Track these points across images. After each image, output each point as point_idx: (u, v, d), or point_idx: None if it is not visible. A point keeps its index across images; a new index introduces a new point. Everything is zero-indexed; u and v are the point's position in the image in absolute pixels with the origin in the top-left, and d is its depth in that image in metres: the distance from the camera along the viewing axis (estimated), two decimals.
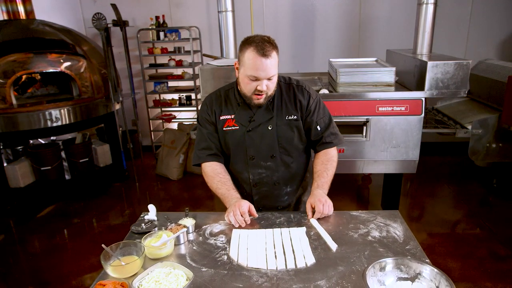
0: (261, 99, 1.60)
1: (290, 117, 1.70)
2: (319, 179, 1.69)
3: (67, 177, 4.07)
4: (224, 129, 1.71)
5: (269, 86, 1.58)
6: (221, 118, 1.71)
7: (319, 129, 1.74)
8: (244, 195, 1.79)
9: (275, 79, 1.60)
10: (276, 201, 1.81)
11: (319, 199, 1.58)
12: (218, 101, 1.74)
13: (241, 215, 1.53)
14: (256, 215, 1.60)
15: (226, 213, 1.58)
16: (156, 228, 1.50)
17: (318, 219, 1.57)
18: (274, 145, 1.71)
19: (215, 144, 1.75)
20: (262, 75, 1.53)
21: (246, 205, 1.57)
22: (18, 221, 3.64)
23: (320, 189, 1.65)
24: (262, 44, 1.51)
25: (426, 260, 1.25)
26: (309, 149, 1.86)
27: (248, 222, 1.55)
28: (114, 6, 4.06)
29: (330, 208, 1.58)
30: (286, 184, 1.80)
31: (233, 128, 1.70)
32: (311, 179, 1.83)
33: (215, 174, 1.73)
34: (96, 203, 3.97)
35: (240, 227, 1.54)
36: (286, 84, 1.74)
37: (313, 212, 1.58)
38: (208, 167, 1.75)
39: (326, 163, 1.74)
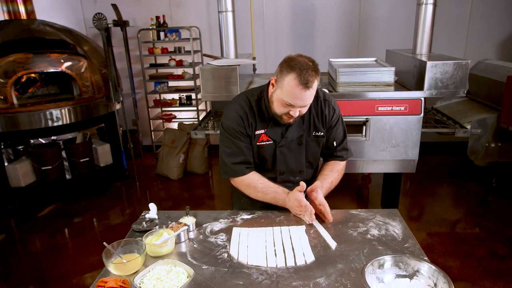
0: (291, 120, 1.58)
1: (317, 133, 1.71)
2: (325, 181, 1.69)
3: (67, 176, 4.08)
4: (258, 144, 1.68)
5: (302, 112, 1.55)
6: (256, 132, 1.67)
7: (334, 144, 1.76)
8: (269, 206, 1.74)
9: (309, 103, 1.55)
10: None
11: (314, 199, 1.56)
12: (251, 113, 1.66)
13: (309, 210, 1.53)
14: (315, 187, 1.59)
15: (295, 213, 1.59)
16: (157, 227, 1.51)
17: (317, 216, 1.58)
18: (303, 160, 1.73)
19: (251, 158, 1.70)
20: (299, 104, 1.49)
21: (305, 204, 1.54)
22: (19, 221, 3.65)
23: (322, 190, 1.62)
24: (305, 72, 1.43)
25: (425, 258, 1.26)
26: None
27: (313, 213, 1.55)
28: (114, 6, 4.07)
29: (324, 208, 1.58)
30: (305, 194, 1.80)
31: (267, 143, 1.68)
32: None
33: (255, 183, 1.68)
34: (97, 202, 3.98)
35: (242, 225, 1.55)
36: (315, 98, 1.67)
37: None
38: (246, 179, 1.70)
39: (335, 172, 1.75)
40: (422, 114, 2.78)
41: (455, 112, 3.46)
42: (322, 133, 1.71)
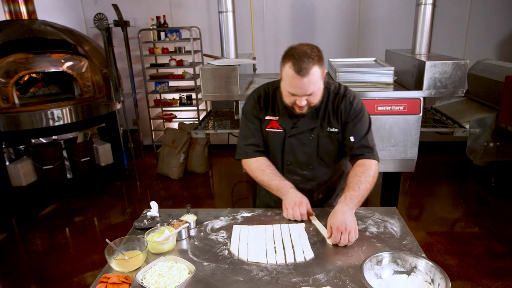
0: (304, 110, 1.56)
1: (331, 129, 1.64)
2: (349, 191, 1.51)
3: (68, 176, 4.10)
4: (266, 129, 1.69)
5: (310, 100, 1.52)
6: (266, 118, 1.69)
7: (352, 139, 1.63)
8: (273, 197, 1.74)
9: (317, 93, 1.52)
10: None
11: (338, 227, 1.36)
12: (266, 99, 1.69)
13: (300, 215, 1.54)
14: (313, 213, 1.58)
15: (283, 206, 1.59)
16: (158, 224, 1.53)
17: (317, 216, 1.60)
18: (313, 155, 1.68)
19: (261, 141, 1.72)
20: (299, 92, 1.48)
21: (304, 206, 1.56)
22: (20, 220, 3.67)
23: (345, 204, 1.44)
24: (300, 60, 1.41)
25: (422, 255, 1.28)
26: (345, 158, 1.79)
27: (305, 219, 1.55)
28: (115, 7, 4.10)
29: (350, 238, 1.36)
30: (319, 192, 1.78)
31: (276, 130, 1.67)
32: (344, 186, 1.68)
33: (264, 167, 1.69)
34: (97, 201, 4.00)
35: (242, 223, 1.57)
36: (334, 93, 1.65)
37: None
38: (254, 162, 1.72)
39: (361, 175, 1.56)
40: (421, 114, 2.80)
41: (454, 111, 3.48)
42: (336, 130, 1.64)
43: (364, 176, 1.55)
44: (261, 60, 4.67)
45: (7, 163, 3.78)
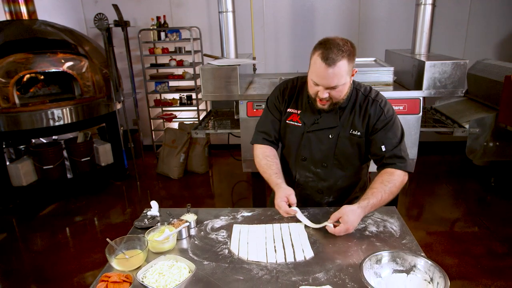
0: (325, 105, 1.53)
1: (353, 132, 1.60)
2: (371, 198, 1.47)
3: (69, 175, 4.11)
4: (287, 121, 1.69)
5: (332, 95, 1.48)
6: (288, 110, 1.69)
7: (383, 149, 1.57)
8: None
9: (342, 89, 1.48)
10: (313, 206, 1.73)
11: (348, 227, 1.39)
12: (292, 91, 1.70)
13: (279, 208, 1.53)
14: (294, 203, 1.54)
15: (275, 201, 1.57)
16: (158, 224, 1.54)
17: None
18: (330, 154, 1.64)
19: (274, 132, 1.74)
20: (322, 83, 1.45)
21: (280, 197, 1.53)
22: (21, 219, 3.68)
23: (363, 210, 1.44)
24: (330, 50, 1.39)
25: (421, 254, 1.28)
26: (366, 166, 1.78)
27: (294, 214, 1.53)
28: (115, 7, 4.10)
29: (344, 233, 1.42)
30: (330, 195, 1.75)
31: (296, 124, 1.67)
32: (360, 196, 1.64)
33: (263, 156, 1.71)
34: (98, 201, 4.01)
35: (242, 222, 1.58)
36: (363, 96, 1.61)
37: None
38: (259, 149, 1.75)
39: (387, 184, 1.52)
40: (420, 114, 2.80)
41: (453, 111, 3.49)
42: (359, 133, 1.59)
43: (389, 186, 1.52)
44: (261, 60, 4.67)
45: (8, 163, 3.79)
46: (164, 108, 5.27)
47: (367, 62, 3.32)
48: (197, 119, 5.03)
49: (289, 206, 1.54)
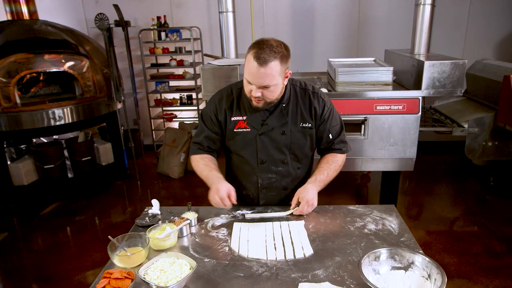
0: (260, 104, 1.55)
1: (304, 125, 1.66)
2: (319, 174, 1.68)
3: (69, 175, 4.12)
4: (235, 130, 1.67)
5: (265, 95, 1.50)
6: (233, 119, 1.67)
7: (330, 137, 1.72)
8: (251, 197, 1.80)
9: (274, 89, 1.51)
10: (282, 204, 1.77)
11: (308, 201, 1.57)
12: (229, 100, 1.68)
13: (221, 200, 1.55)
14: (234, 201, 1.58)
15: (209, 195, 1.60)
16: (159, 222, 1.55)
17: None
18: (286, 150, 1.69)
19: (208, 143, 1.74)
20: (255, 82, 1.47)
21: (224, 189, 1.57)
22: (22, 219, 3.69)
23: (314, 185, 1.63)
24: (263, 50, 1.42)
25: (419, 251, 1.30)
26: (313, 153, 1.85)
27: (229, 207, 1.58)
28: (116, 7, 4.12)
29: (310, 210, 1.61)
30: (294, 189, 1.75)
31: (244, 130, 1.66)
32: None
33: (201, 159, 1.74)
34: (98, 201, 4.02)
35: (240, 220, 1.60)
36: (302, 90, 1.69)
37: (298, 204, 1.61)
38: (194, 158, 1.78)
39: (331, 163, 1.72)
40: (420, 113, 2.82)
41: (453, 111, 3.50)
42: (310, 125, 1.67)
43: (333, 165, 1.73)
44: None
45: (9, 163, 3.80)
46: (164, 108, 5.29)
47: (367, 62, 3.33)
48: (197, 119, 5.04)
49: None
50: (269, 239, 1.44)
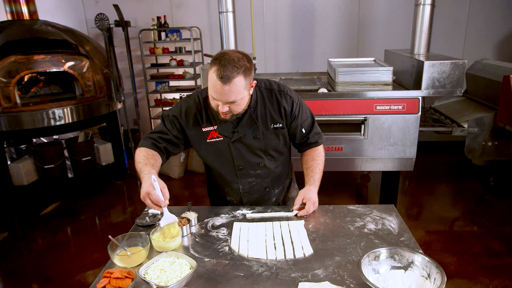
0: (227, 117, 1.52)
1: (276, 126, 1.66)
2: (314, 174, 1.71)
3: (69, 175, 4.12)
4: (207, 141, 1.64)
5: (232, 109, 1.48)
6: (204, 130, 1.63)
7: (304, 131, 1.72)
8: (234, 203, 1.81)
9: (241, 102, 1.48)
10: (266, 204, 1.81)
11: (314, 202, 1.63)
12: (197, 110, 1.63)
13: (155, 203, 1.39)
14: (167, 198, 1.41)
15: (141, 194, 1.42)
16: (160, 222, 1.54)
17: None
18: (261, 153, 1.68)
19: (160, 144, 1.64)
20: (220, 98, 1.44)
21: (155, 193, 1.38)
22: (22, 219, 3.69)
23: (314, 186, 1.68)
24: (225, 67, 1.38)
25: (419, 251, 1.30)
26: (290, 149, 1.85)
27: (164, 206, 1.40)
28: (116, 7, 4.12)
29: (313, 208, 1.65)
30: (274, 187, 1.81)
31: (217, 139, 1.64)
32: (293, 175, 1.96)
33: (145, 151, 1.62)
34: (98, 201, 4.02)
35: (240, 220, 1.60)
36: (267, 90, 1.66)
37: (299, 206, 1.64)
38: (143, 148, 1.64)
39: (317, 158, 1.75)
40: (419, 113, 2.83)
41: (452, 111, 3.50)
42: (281, 125, 1.66)
43: (319, 159, 1.76)
44: (261, 60, 4.69)
45: (9, 163, 3.80)
46: (164, 108, 5.28)
47: (367, 62, 3.34)
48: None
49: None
50: (269, 238, 1.44)
